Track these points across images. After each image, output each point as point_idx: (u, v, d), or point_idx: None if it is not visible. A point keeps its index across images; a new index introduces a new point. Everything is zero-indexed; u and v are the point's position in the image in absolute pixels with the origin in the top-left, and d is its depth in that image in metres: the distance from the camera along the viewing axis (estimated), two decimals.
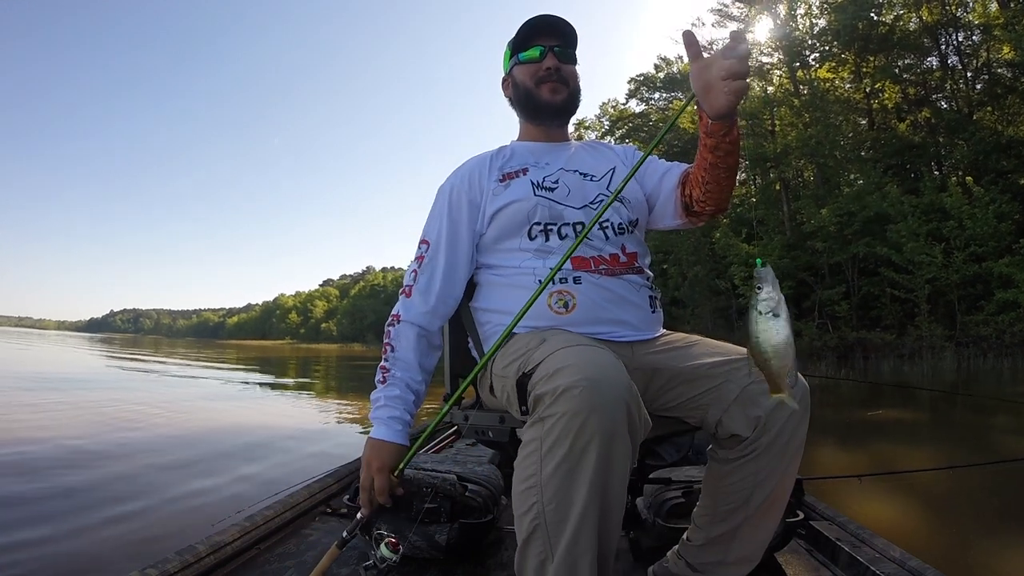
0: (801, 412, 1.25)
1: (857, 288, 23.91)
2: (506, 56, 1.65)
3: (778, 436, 1.25)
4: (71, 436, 4.93)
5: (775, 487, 1.27)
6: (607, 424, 0.96)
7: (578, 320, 1.34)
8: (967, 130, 24.40)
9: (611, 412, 0.97)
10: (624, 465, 1.00)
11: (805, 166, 28.88)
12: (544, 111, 1.59)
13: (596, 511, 0.98)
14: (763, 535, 1.33)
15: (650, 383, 1.37)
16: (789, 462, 1.27)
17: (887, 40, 27.02)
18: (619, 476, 1.00)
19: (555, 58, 1.55)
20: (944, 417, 7.98)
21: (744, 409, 1.27)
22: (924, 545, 2.64)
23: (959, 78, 27.51)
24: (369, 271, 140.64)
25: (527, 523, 1.03)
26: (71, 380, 10.97)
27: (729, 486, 1.30)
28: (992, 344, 18.66)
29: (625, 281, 1.42)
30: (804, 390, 1.28)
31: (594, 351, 1.09)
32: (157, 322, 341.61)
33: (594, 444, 0.96)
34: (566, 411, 0.97)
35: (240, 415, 7.29)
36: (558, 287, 1.36)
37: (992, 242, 20.05)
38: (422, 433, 1.34)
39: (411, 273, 1.51)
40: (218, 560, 1.59)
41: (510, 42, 1.61)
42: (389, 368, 1.43)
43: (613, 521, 1.02)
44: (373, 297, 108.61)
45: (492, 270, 1.51)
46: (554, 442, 0.99)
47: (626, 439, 0.99)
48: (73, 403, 7.37)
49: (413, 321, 1.47)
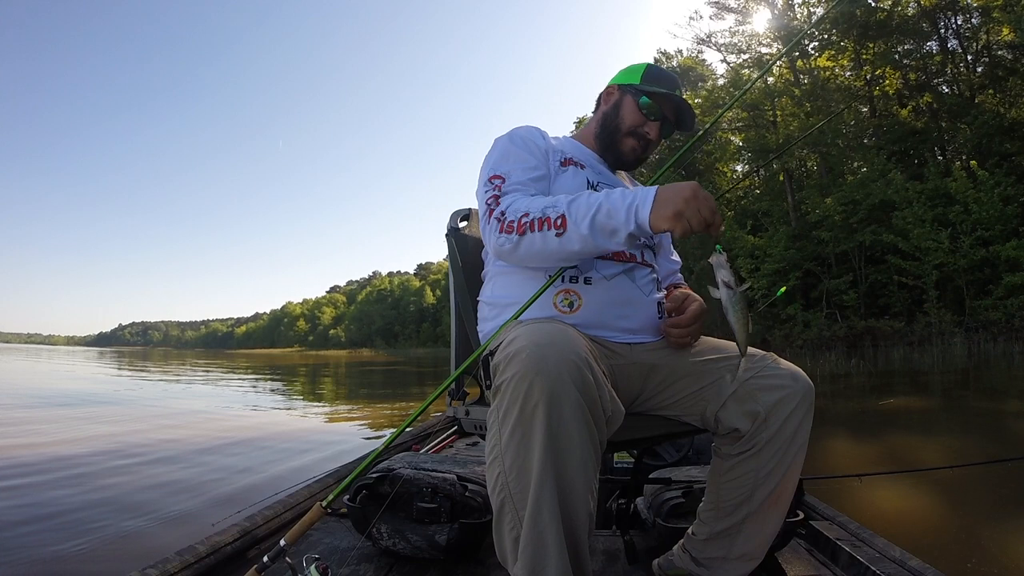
0: (804, 409, 1.26)
1: (864, 276, 23.85)
2: (632, 73, 1.58)
3: (779, 432, 1.24)
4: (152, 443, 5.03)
5: (778, 484, 1.27)
6: (552, 385, 0.95)
7: (581, 321, 1.33)
8: (969, 114, 24.34)
9: (555, 372, 0.96)
10: (581, 429, 0.97)
11: (808, 156, 28.81)
12: (613, 155, 1.58)
13: (552, 476, 0.96)
14: (767, 532, 1.32)
15: (647, 380, 1.37)
16: (792, 459, 1.26)
17: (886, 26, 26.92)
18: (575, 440, 0.97)
19: (659, 130, 1.54)
20: (957, 404, 7.94)
21: (741, 404, 1.27)
22: (926, 544, 2.62)
23: (959, 62, 27.42)
24: (376, 276, 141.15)
25: (496, 498, 1.03)
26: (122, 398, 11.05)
27: (732, 481, 1.31)
28: (1002, 328, 18.59)
29: (636, 284, 1.41)
30: (809, 388, 1.28)
31: (547, 323, 1.10)
32: (166, 334, 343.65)
33: (541, 406, 0.95)
34: (514, 374, 0.98)
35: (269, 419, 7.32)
36: (567, 285, 1.36)
37: (999, 225, 19.99)
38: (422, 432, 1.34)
39: (488, 201, 1.34)
40: (218, 560, 1.59)
41: (645, 71, 1.57)
42: (544, 214, 1.22)
43: (577, 492, 0.98)
44: (380, 302, 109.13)
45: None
46: (506, 408, 0.99)
47: (578, 401, 0.97)
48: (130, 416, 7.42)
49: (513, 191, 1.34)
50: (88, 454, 4.66)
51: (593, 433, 1.00)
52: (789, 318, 24.17)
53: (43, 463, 4.33)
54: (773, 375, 1.28)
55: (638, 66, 1.58)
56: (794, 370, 1.31)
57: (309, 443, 5.51)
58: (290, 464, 4.43)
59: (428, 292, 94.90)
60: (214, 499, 3.40)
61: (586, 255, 1.25)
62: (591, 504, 1.00)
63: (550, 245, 1.21)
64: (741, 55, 32.25)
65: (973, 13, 26.15)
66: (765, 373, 1.29)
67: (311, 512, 1.34)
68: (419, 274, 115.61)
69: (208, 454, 4.80)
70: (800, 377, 1.29)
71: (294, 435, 6.05)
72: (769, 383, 1.27)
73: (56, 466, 4.22)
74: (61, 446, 5.01)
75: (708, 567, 1.37)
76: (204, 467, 4.29)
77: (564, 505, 0.97)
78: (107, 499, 3.38)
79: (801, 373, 1.30)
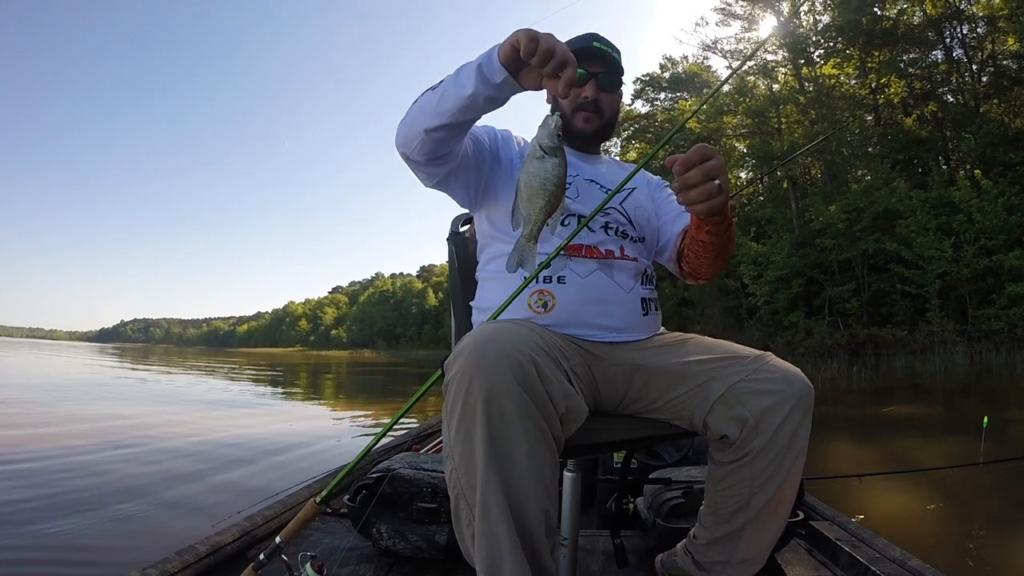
0: (799, 414, 1.18)
1: (867, 285, 23.80)
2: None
3: (773, 440, 1.18)
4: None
5: (776, 493, 1.22)
6: (490, 381, 0.96)
7: (556, 321, 1.33)
8: (974, 123, 24.29)
9: (493, 369, 0.96)
10: (526, 425, 0.96)
11: (812, 163, 28.79)
12: (575, 138, 1.57)
13: (496, 472, 0.95)
14: (768, 538, 1.29)
15: (631, 381, 1.34)
16: (791, 465, 1.20)
17: (891, 34, 26.92)
18: (520, 436, 0.96)
19: (596, 87, 1.52)
20: (958, 412, 7.92)
21: (728, 408, 1.20)
22: (926, 544, 2.62)
23: (965, 71, 27.38)
24: (378, 277, 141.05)
25: (452, 494, 1.03)
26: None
27: (727, 489, 1.26)
28: (1004, 338, 18.52)
29: (613, 281, 1.40)
30: (806, 390, 1.21)
31: (498, 322, 1.11)
32: (167, 331, 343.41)
33: (479, 403, 0.95)
34: (456, 372, 0.99)
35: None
36: (541, 286, 1.36)
37: (1002, 235, 19.95)
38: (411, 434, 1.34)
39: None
40: (218, 560, 1.60)
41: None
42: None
43: (526, 487, 0.96)
44: (382, 303, 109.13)
45: (489, 264, 1.50)
46: (451, 406, 1.00)
47: (520, 397, 0.96)
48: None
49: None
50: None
51: (542, 429, 0.98)
52: (791, 325, 24.14)
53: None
54: (764, 378, 1.21)
55: None
56: (788, 372, 1.22)
57: (308, 443, 5.51)
58: (290, 464, 4.44)
59: (430, 294, 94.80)
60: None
61: (455, 101, 1.17)
62: (546, 500, 0.99)
63: (422, 97, 1.24)
64: (747, 62, 32.22)
65: (979, 23, 26.14)
66: (756, 376, 1.21)
67: (306, 508, 1.34)
68: (421, 276, 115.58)
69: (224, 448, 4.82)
70: (795, 380, 1.21)
71: (292, 434, 6.05)
72: (760, 387, 1.19)
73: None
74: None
75: (709, 571, 1.36)
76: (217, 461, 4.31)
77: (513, 501, 0.96)
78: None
79: (797, 375, 1.22)
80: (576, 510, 1.36)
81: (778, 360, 1.26)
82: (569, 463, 1.38)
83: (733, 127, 32.14)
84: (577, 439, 1.09)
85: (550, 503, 1.00)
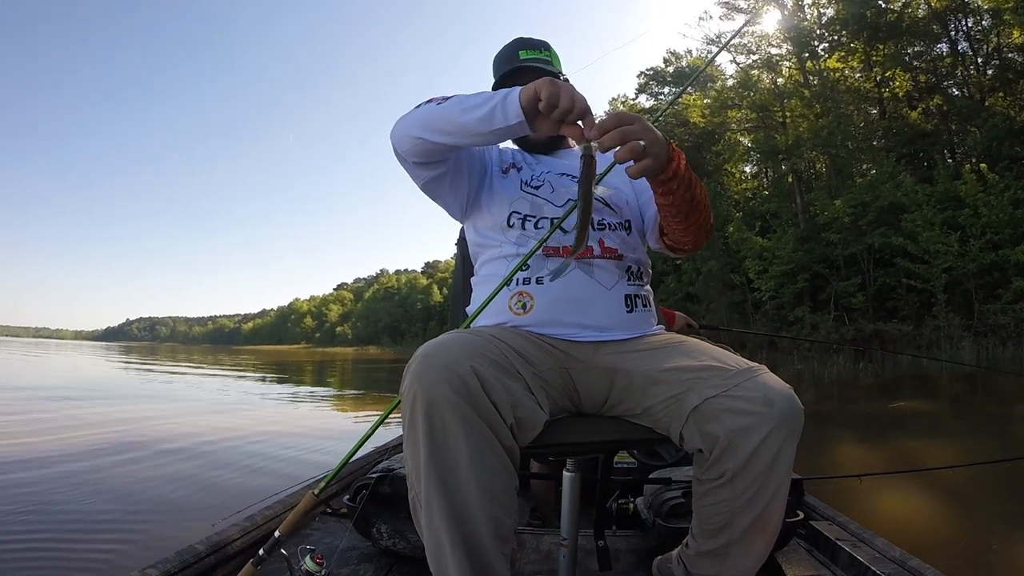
0: (780, 437, 1.09)
1: (873, 279, 23.74)
2: (495, 72, 1.62)
3: (751, 463, 1.09)
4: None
5: (760, 515, 1.15)
6: (428, 392, 1.00)
7: (535, 321, 1.34)
8: (979, 116, 24.19)
9: (431, 381, 1.00)
10: (468, 433, 0.99)
11: (817, 157, 28.70)
12: (533, 145, 1.60)
13: (436, 479, 0.99)
14: (756, 555, 1.22)
15: (612, 385, 1.31)
16: (777, 487, 1.12)
17: (896, 27, 26.78)
18: (460, 444, 0.99)
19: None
20: (965, 408, 7.89)
21: (702, 424, 1.13)
22: (926, 544, 2.61)
23: (970, 64, 27.24)
24: (383, 274, 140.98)
25: (409, 496, 1.07)
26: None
27: (708, 507, 1.20)
28: (1011, 332, 18.47)
29: (593, 279, 1.38)
30: (789, 413, 1.10)
31: (450, 333, 1.16)
32: (173, 329, 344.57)
33: (420, 413, 1.00)
34: (404, 386, 1.04)
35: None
36: (521, 287, 1.37)
37: (1008, 229, 19.85)
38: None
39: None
40: (218, 560, 1.60)
41: (494, 64, 1.62)
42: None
43: (469, 494, 0.99)
44: (387, 300, 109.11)
45: (481, 270, 1.51)
46: (402, 416, 1.05)
47: (458, 407, 0.99)
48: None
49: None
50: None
51: (487, 439, 1.01)
52: (797, 320, 24.10)
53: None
54: (743, 396, 1.11)
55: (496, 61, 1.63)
56: (771, 392, 1.11)
57: (311, 442, 5.52)
58: (291, 465, 4.45)
59: (435, 290, 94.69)
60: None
61: (460, 127, 1.22)
62: (493, 506, 1.01)
63: (426, 108, 1.26)
64: (751, 56, 32.15)
65: (984, 15, 25.95)
66: (735, 393, 1.12)
67: (304, 500, 1.34)
68: (426, 272, 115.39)
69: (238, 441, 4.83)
70: (777, 401, 1.09)
71: (293, 434, 6.07)
72: (736, 405, 1.11)
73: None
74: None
75: None
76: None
77: (456, 506, 0.99)
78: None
79: (782, 395, 1.11)
80: (575, 510, 1.35)
81: (767, 377, 1.16)
82: (569, 463, 1.37)
83: (737, 121, 32.04)
84: (551, 438, 1.15)
85: (501, 509, 1.03)
